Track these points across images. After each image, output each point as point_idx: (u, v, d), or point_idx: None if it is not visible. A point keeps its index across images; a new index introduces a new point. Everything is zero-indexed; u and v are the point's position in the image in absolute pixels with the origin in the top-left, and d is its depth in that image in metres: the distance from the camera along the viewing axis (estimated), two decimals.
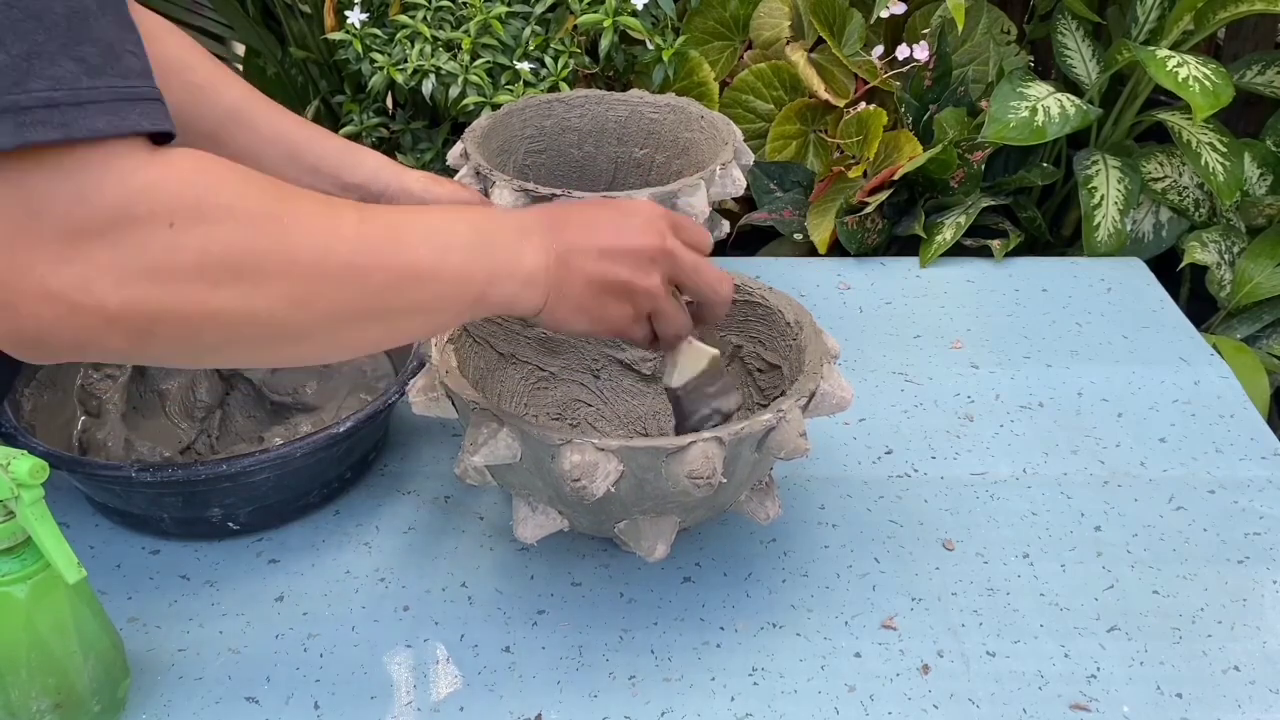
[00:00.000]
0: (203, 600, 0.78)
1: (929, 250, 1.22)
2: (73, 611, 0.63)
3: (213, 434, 0.90)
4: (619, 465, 0.66)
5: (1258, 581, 0.80)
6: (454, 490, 0.88)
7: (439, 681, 0.72)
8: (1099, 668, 0.73)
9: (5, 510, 0.59)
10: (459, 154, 1.00)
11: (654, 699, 0.71)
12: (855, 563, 0.81)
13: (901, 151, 1.30)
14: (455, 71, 1.22)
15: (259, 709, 0.70)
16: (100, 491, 0.82)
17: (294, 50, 1.44)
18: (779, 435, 0.68)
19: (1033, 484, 0.89)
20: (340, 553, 0.82)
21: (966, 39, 1.49)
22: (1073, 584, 0.79)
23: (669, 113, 1.08)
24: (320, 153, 0.81)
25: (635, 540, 0.72)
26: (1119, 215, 1.28)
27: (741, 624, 0.76)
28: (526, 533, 0.73)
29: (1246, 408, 0.98)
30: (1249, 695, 0.71)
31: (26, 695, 0.63)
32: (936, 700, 0.71)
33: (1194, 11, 1.26)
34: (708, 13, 1.48)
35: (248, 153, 0.79)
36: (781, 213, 1.35)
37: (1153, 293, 1.16)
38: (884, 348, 1.06)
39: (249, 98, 0.81)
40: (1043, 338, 1.08)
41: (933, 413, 0.97)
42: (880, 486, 0.89)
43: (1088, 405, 0.98)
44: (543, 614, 0.77)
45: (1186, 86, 1.16)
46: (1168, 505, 0.87)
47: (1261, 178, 1.33)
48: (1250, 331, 1.29)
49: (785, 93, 1.44)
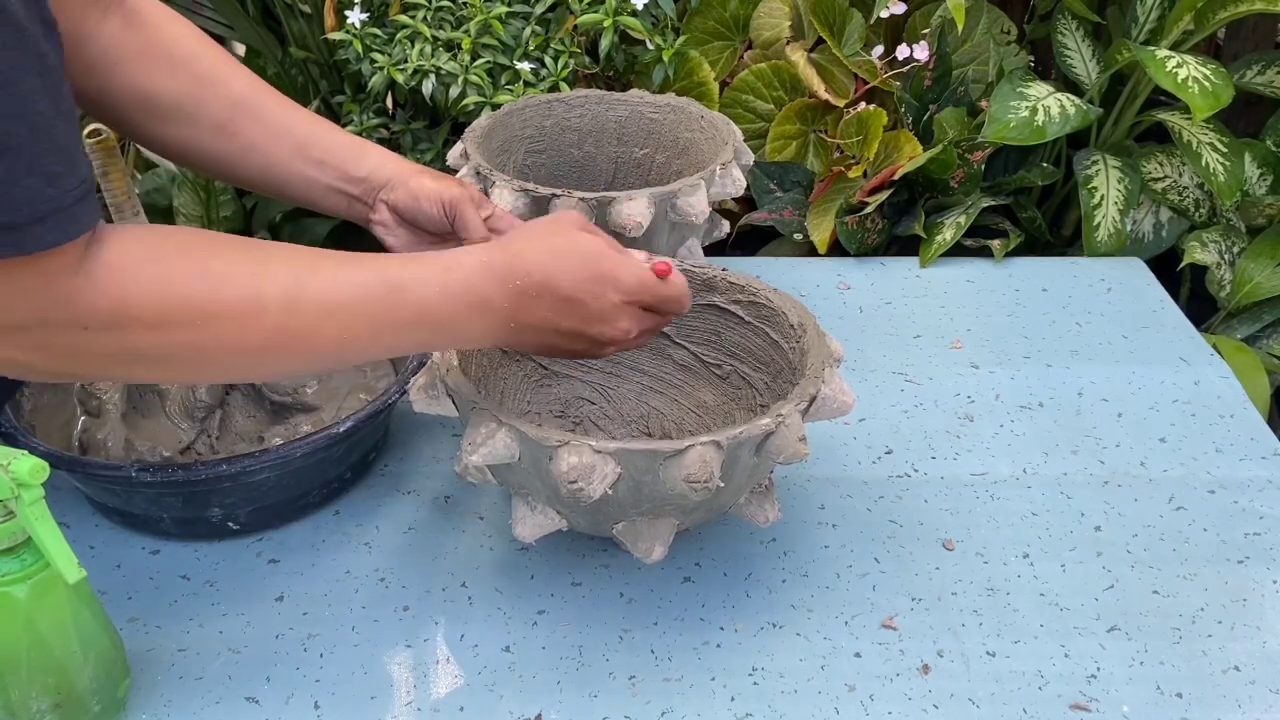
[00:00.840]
0: (203, 600, 0.78)
1: (929, 250, 1.22)
2: (73, 611, 0.63)
3: (213, 434, 0.90)
4: (616, 467, 0.65)
5: (1258, 581, 0.80)
6: (454, 490, 0.88)
7: (439, 681, 0.72)
8: (1099, 668, 0.73)
9: (5, 510, 0.59)
10: (459, 154, 1.00)
11: (654, 699, 0.71)
12: (855, 563, 0.81)
13: (901, 151, 1.30)
14: (455, 71, 1.22)
15: (259, 709, 0.70)
16: (100, 491, 0.82)
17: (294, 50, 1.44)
18: (778, 440, 0.68)
19: (1033, 484, 0.89)
20: (340, 553, 0.82)
21: (966, 39, 1.49)
22: (1073, 584, 0.79)
23: (669, 113, 1.08)
24: (327, 146, 0.81)
25: (633, 542, 0.72)
26: (1119, 215, 1.28)
27: (741, 624, 0.76)
28: (525, 532, 0.73)
29: (1246, 408, 0.98)
30: (1249, 695, 0.71)
31: (26, 695, 0.63)
32: (936, 700, 0.71)
33: (1194, 11, 1.26)
34: (708, 13, 1.48)
35: (254, 146, 0.79)
36: (781, 213, 1.35)
37: (1153, 293, 1.16)
38: (884, 348, 1.06)
39: (256, 89, 0.80)
40: (1043, 338, 1.08)
41: (933, 413, 0.97)
42: (880, 486, 0.89)
43: (1088, 405, 0.98)
44: (543, 614, 0.77)
45: (1186, 87, 1.16)
46: (1168, 505, 0.87)
47: (1261, 178, 1.33)
48: (1250, 331, 1.29)
49: (785, 93, 1.44)
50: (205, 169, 0.82)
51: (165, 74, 0.76)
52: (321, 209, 0.83)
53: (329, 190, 0.81)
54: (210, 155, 0.79)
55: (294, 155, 0.80)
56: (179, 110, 0.77)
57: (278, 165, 0.80)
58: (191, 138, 0.78)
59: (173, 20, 0.79)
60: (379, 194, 0.82)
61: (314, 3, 1.38)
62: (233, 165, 0.80)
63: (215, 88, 0.78)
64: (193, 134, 0.78)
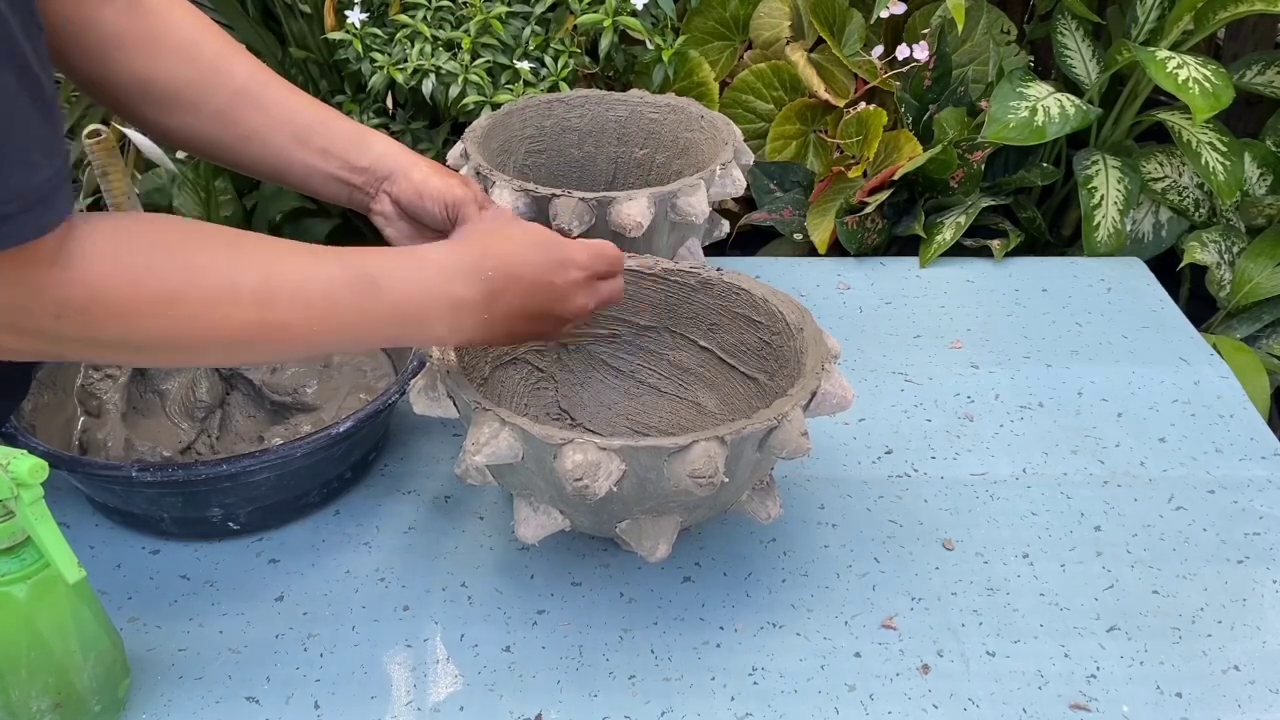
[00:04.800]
0: (203, 600, 0.78)
1: (929, 250, 1.22)
2: (73, 611, 0.63)
3: (213, 434, 0.90)
4: (621, 465, 0.66)
5: (1258, 581, 0.80)
6: (454, 490, 0.88)
7: (439, 681, 0.72)
8: (1099, 667, 0.73)
9: (5, 510, 0.59)
10: (459, 154, 1.00)
11: (654, 699, 0.71)
12: (855, 563, 0.81)
13: (901, 151, 1.30)
14: (455, 71, 1.22)
15: (259, 709, 0.70)
16: (100, 491, 0.82)
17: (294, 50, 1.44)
18: (781, 435, 0.68)
19: (1033, 484, 0.89)
20: (340, 553, 0.82)
21: (966, 39, 1.49)
22: (1073, 584, 0.79)
23: (669, 113, 1.08)
24: (329, 135, 0.80)
25: (637, 540, 0.72)
26: (1119, 215, 1.28)
27: (741, 624, 0.76)
28: (528, 533, 0.73)
29: (1246, 408, 0.98)
30: (1249, 695, 0.71)
31: (26, 695, 0.63)
32: (936, 700, 0.71)
33: (1194, 11, 1.26)
34: (708, 13, 1.48)
35: (257, 134, 0.78)
36: (781, 213, 1.35)
37: (1153, 293, 1.16)
38: (884, 348, 1.06)
39: (258, 76, 0.79)
40: (1043, 338, 1.08)
41: (933, 413, 0.97)
42: (880, 486, 0.89)
43: (1088, 405, 0.98)
44: (543, 614, 0.77)
45: (1186, 88, 1.16)
46: (1168, 505, 0.87)
47: (1261, 178, 1.33)
48: (1250, 331, 1.29)
49: (785, 93, 1.44)
50: (205, 154, 0.81)
51: (166, 60, 0.76)
52: (322, 197, 0.82)
53: (330, 179, 0.81)
54: (210, 141, 0.79)
55: (295, 143, 0.79)
56: (180, 97, 0.76)
57: (278, 153, 0.79)
58: (192, 125, 0.78)
59: (174, 5, 0.78)
60: (382, 185, 0.81)
61: (314, 3, 1.38)
62: (233, 151, 0.79)
63: (217, 75, 0.77)
64: (194, 121, 0.78)
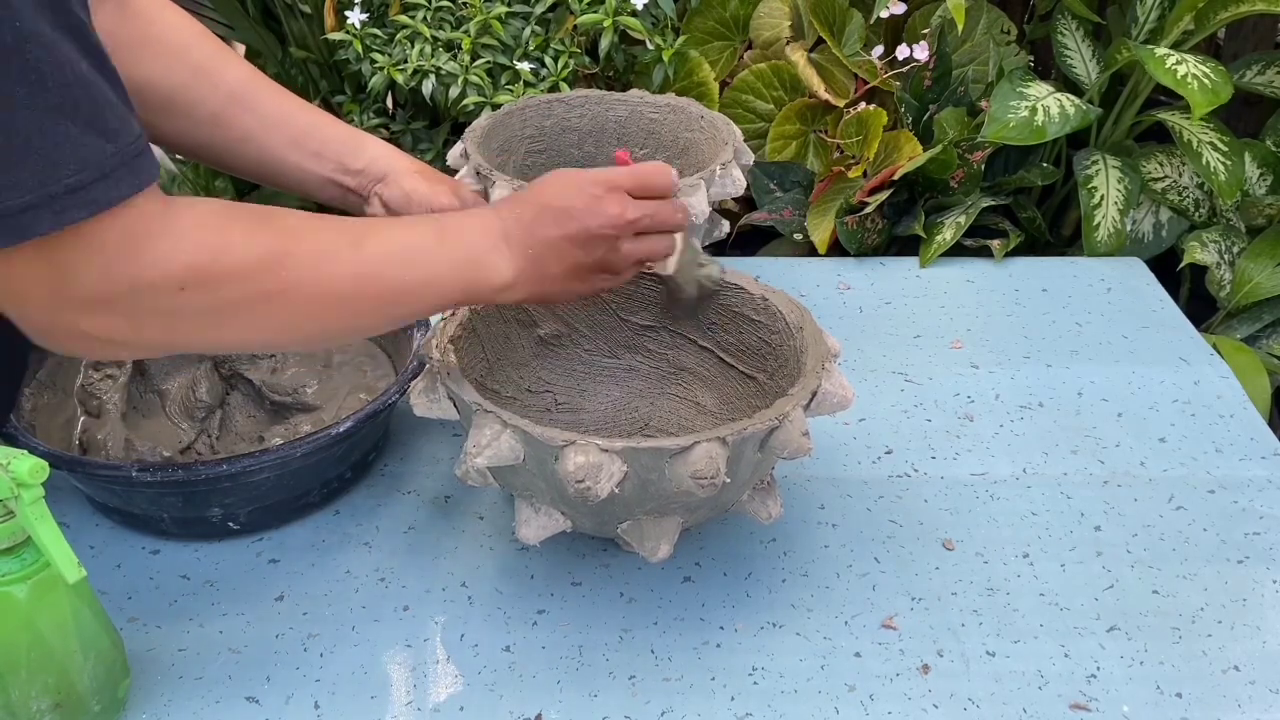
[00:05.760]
0: (203, 600, 0.78)
1: (929, 250, 1.22)
2: (73, 611, 0.63)
3: (213, 434, 0.90)
4: (623, 466, 0.65)
5: (1258, 581, 0.80)
6: (454, 490, 0.87)
7: (439, 681, 0.72)
8: (1099, 667, 0.73)
9: (5, 510, 0.59)
10: (459, 154, 1.00)
11: (654, 699, 0.71)
12: (855, 563, 0.81)
13: (901, 151, 1.30)
14: (455, 71, 1.22)
15: (259, 709, 0.70)
16: (100, 491, 0.82)
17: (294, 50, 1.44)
18: (782, 435, 0.68)
19: (1033, 484, 0.89)
20: (340, 553, 0.82)
21: (966, 39, 1.49)
22: (1073, 584, 0.79)
23: (669, 113, 1.08)
24: (323, 138, 0.81)
25: (639, 541, 0.72)
26: (1119, 215, 1.28)
27: (741, 624, 0.76)
28: (529, 534, 0.72)
29: (1246, 408, 0.98)
30: (1249, 695, 0.71)
31: (26, 695, 0.63)
32: (936, 700, 0.71)
33: (1194, 11, 1.26)
34: (708, 13, 1.48)
35: (251, 137, 0.79)
36: (781, 213, 1.35)
37: (1153, 293, 1.16)
38: (884, 348, 1.06)
39: (251, 79, 0.80)
40: (1043, 338, 1.08)
41: (933, 413, 0.97)
42: (880, 486, 0.89)
43: (1088, 405, 0.98)
44: (543, 614, 0.77)
45: (1185, 84, 1.16)
46: (1168, 505, 0.87)
47: (1261, 178, 1.33)
48: (1250, 331, 1.29)
49: (785, 93, 1.44)
50: (200, 158, 0.82)
51: (158, 64, 0.76)
52: (316, 199, 0.83)
53: (325, 182, 0.81)
54: (204, 145, 0.79)
55: (289, 146, 0.80)
56: (172, 101, 0.76)
57: (273, 156, 0.80)
58: (186, 129, 0.78)
59: (165, 8, 0.78)
60: (374, 187, 0.82)
61: (314, 3, 1.38)
62: (228, 155, 0.80)
63: (210, 78, 0.78)
64: (187, 125, 0.78)
